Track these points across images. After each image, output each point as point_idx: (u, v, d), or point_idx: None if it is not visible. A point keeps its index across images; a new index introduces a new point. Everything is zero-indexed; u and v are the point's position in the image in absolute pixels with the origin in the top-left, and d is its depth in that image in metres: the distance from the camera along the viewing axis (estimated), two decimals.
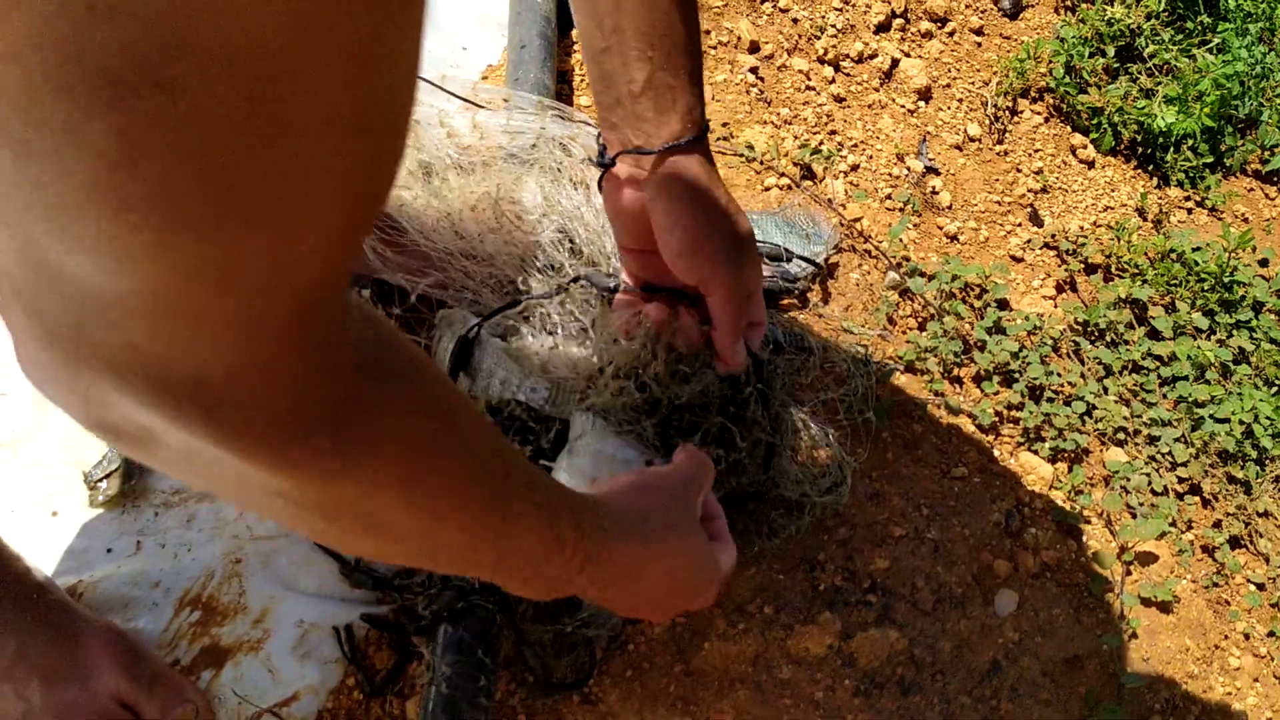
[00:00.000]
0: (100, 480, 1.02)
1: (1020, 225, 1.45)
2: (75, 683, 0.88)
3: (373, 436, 0.48)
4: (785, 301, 1.20)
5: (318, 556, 0.99)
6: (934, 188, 1.43)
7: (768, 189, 1.30)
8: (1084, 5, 1.68)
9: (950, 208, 1.42)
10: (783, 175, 1.31)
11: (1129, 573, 1.12)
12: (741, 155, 1.31)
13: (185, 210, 0.35)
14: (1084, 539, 1.13)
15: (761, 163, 1.31)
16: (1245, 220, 1.59)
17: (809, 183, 1.33)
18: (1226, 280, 1.42)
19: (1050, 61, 1.59)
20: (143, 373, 0.40)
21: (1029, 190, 1.49)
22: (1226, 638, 1.12)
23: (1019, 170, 1.51)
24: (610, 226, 1.06)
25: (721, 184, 0.95)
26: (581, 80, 1.37)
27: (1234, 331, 1.40)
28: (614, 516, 0.73)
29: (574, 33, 1.42)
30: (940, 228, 1.39)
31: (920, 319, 1.26)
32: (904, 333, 1.24)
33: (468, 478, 0.57)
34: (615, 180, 0.95)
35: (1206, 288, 1.41)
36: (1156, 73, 1.63)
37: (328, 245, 0.40)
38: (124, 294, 0.37)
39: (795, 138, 1.38)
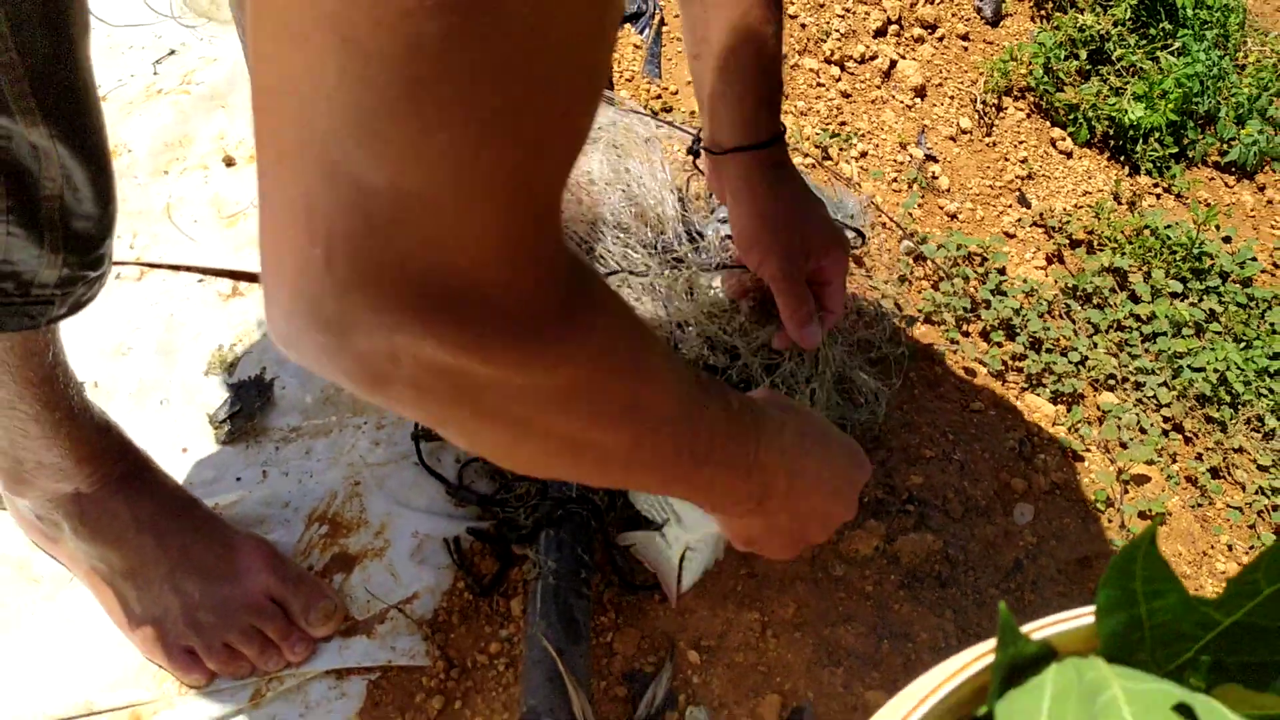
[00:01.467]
0: (224, 420, 1.15)
1: (1011, 206, 1.62)
2: (230, 580, 1.00)
3: (590, 328, 0.54)
4: None
5: (425, 479, 1.12)
6: (934, 173, 1.59)
7: None
8: (1058, 14, 1.86)
9: (949, 190, 1.58)
10: (806, 156, 1.48)
11: (1126, 491, 1.28)
12: None
13: (466, 121, 0.43)
14: (1086, 463, 1.29)
15: (789, 145, 1.47)
16: (1208, 205, 1.76)
17: (829, 163, 1.50)
18: (1196, 252, 1.59)
19: (1030, 63, 1.76)
20: (411, 278, 0.46)
21: (1016, 176, 1.65)
22: (1213, 547, 1.27)
23: (1007, 159, 1.67)
24: (670, 197, 1.22)
25: (792, 182, 1.07)
26: (620, 75, 1.52)
27: (1204, 296, 1.56)
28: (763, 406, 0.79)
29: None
30: (941, 207, 1.55)
31: (933, 280, 1.42)
32: (919, 292, 1.40)
33: (663, 364, 0.63)
34: (707, 166, 1.10)
35: (1179, 258, 1.58)
36: (1125, 73, 1.81)
37: (560, 164, 0.49)
38: (411, 194, 0.44)
39: (812, 126, 1.54)
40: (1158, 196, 1.73)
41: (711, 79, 1.04)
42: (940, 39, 1.77)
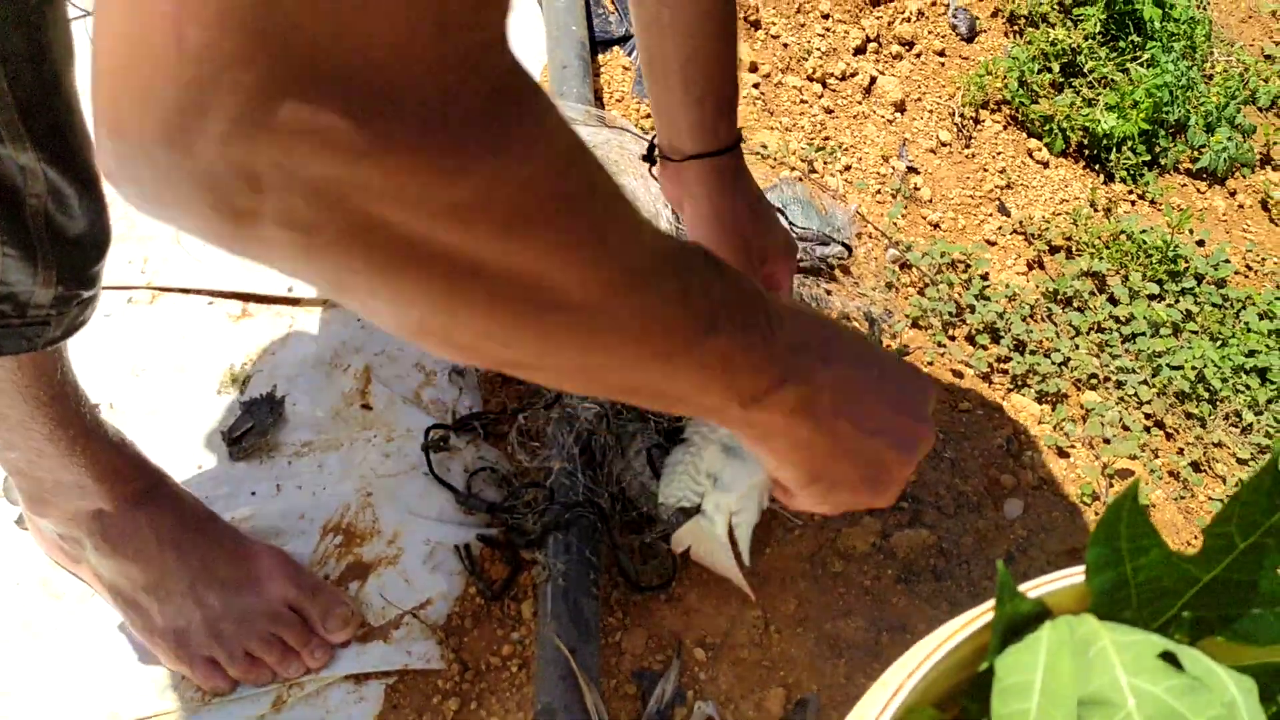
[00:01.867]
0: (237, 437, 1.18)
1: (991, 215, 1.67)
2: (250, 591, 1.03)
3: (531, 143, 0.43)
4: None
5: (435, 489, 1.15)
6: (916, 184, 1.64)
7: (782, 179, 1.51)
8: (1030, 29, 1.92)
9: (931, 201, 1.63)
10: (793, 169, 1.52)
11: (1111, 484, 1.32)
12: (757, 153, 1.52)
13: None
14: (1071, 459, 1.33)
15: (775, 159, 1.52)
16: (1181, 210, 1.81)
17: (814, 175, 1.54)
18: (1171, 255, 1.64)
19: (1005, 77, 1.82)
20: (295, 50, 0.36)
21: (995, 186, 1.70)
22: (1196, 538, 1.32)
23: (985, 170, 1.72)
24: (664, 210, 1.26)
25: (748, 188, 1.10)
26: (610, 95, 1.57)
27: (1180, 297, 1.61)
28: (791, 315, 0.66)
29: (600, 58, 1.62)
30: (924, 217, 1.60)
31: (918, 287, 1.47)
32: (906, 298, 1.45)
33: (629, 210, 0.50)
34: (663, 174, 1.14)
35: (1155, 261, 1.63)
36: (1097, 85, 1.86)
37: None
38: None
39: (797, 141, 1.59)
40: (1132, 203, 1.78)
41: (670, 87, 1.06)
42: (918, 55, 1.82)
